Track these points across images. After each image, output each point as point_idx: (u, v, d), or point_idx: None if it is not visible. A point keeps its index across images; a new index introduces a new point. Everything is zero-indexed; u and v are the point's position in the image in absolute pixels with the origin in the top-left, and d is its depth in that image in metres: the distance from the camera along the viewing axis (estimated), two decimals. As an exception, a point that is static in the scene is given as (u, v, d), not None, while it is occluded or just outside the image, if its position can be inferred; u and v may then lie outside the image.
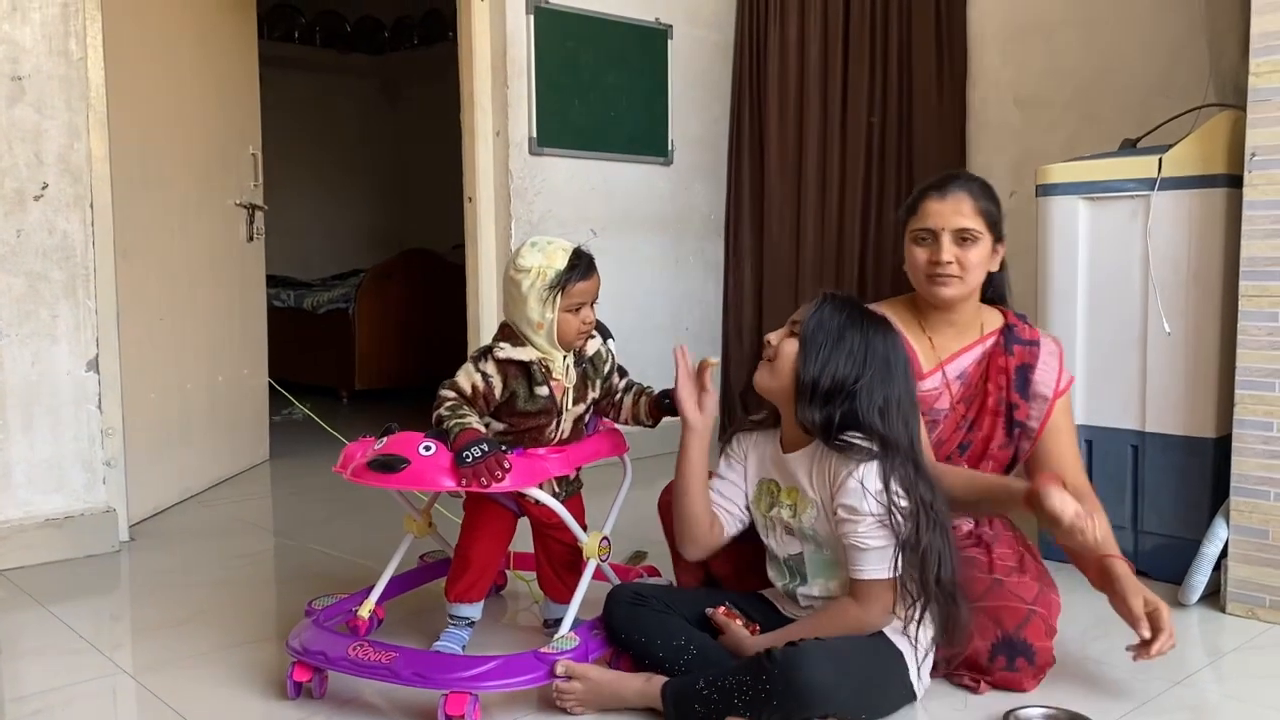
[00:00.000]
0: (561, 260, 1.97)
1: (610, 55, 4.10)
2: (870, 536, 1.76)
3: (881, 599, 1.78)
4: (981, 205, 2.01)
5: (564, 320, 1.99)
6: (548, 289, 1.96)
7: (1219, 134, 2.52)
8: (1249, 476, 2.32)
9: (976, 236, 2.00)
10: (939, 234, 2.00)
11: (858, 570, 1.78)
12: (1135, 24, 3.46)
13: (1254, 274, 2.30)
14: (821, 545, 1.86)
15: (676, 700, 1.77)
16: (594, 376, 2.11)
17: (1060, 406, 2.06)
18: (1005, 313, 2.13)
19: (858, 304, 1.87)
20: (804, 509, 1.86)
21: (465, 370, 1.99)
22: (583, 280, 1.99)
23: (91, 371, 2.90)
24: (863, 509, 1.75)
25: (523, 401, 2.00)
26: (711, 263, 4.56)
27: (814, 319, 1.82)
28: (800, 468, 1.87)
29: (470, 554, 2.11)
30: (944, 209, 2.00)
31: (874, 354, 1.80)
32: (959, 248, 1.99)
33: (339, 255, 7.49)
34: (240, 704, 1.95)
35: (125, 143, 3.07)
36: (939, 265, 2.00)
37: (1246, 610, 2.33)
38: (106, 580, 2.75)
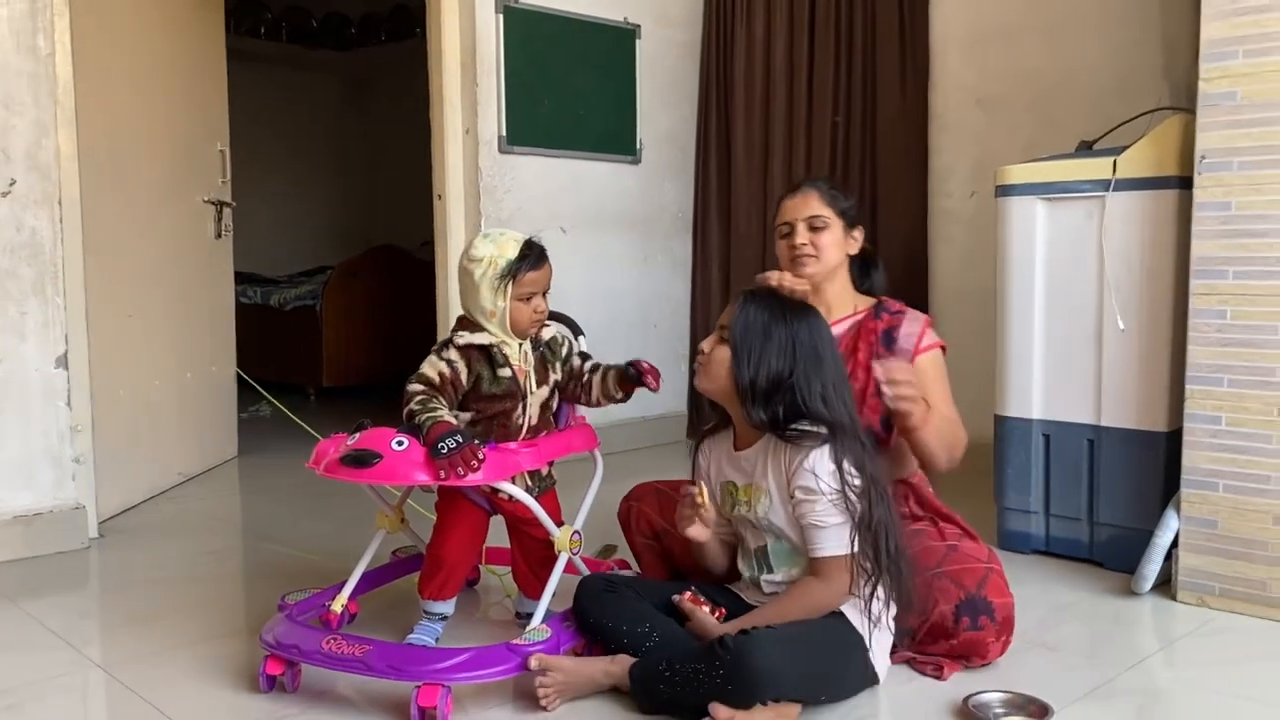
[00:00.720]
0: (513, 250, 2.03)
1: (579, 54, 4.13)
2: (827, 515, 1.83)
3: (841, 576, 1.84)
4: (827, 196, 2.27)
5: (516, 309, 2.04)
6: (499, 278, 2.01)
7: (1171, 137, 2.60)
8: (1199, 469, 2.40)
9: (826, 223, 2.24)
10: (794, 224, 2.26)
11: (817, 548, 1.84)
12: (1093, 30, 3.54)
13: (1204, 273, 2.38)
14: (780, 536, 1.92)
15: (642, 680, 1.83)
16: (553, 359, 2.16)
17: (926, 361, 2.18)
18: (881, 299, 2.31)
19: (778, 297, 1.96)
20: (758, 500, 1.92)
21: (429, 362, 2.03)
22: (533, 270, 2.05)
23: (60, 368, 2.89)
24: (819, 489, 1.82)
25: (488, 384, 2.04)
26: (679, 261, 4.61)
27: (739, 322, 1.90)
28: (756, 462, 1.93)
29: (442, 553, 2.13)
30: (796, 203, 2.29)
31: (801, 345, 1.88)
32: (812, 233, 2.24)
33: (305, 252, 7.46)
34: (214, 698, 1.96)
35: (93, 139, 3.07)
36: (796, 249, 2.24)
37: (1196, 598, 2.41)
38: (76, 577, 2.75)
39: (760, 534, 1.95)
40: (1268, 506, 2.31)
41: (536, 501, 2.05)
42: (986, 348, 2.90)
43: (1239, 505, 2.35)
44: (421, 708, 1.78)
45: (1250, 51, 2.29)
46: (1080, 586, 2.56)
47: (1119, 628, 2.32)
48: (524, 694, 1.92)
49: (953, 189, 3.93)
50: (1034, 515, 2.80)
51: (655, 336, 4.47)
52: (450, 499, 2.15)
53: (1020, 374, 2.80)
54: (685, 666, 1.77)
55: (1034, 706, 1.82)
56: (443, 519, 2.15)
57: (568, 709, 1.87)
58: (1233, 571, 2.36)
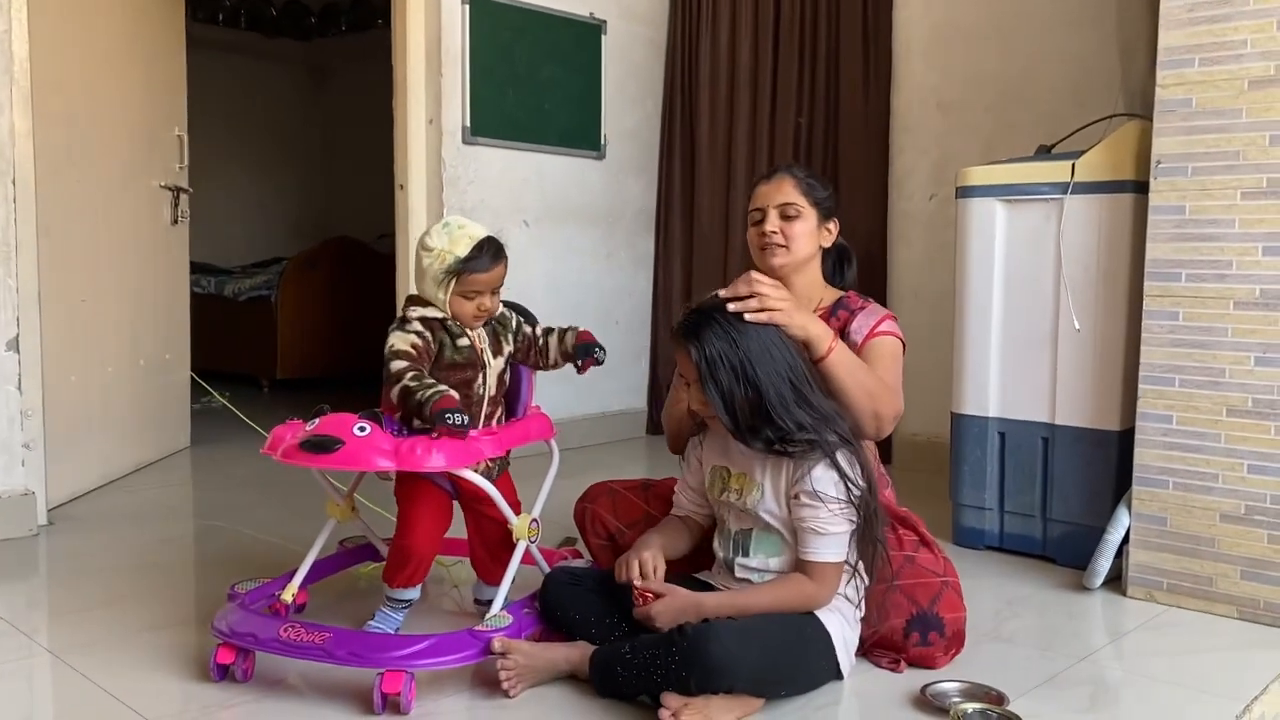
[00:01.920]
0: (464, 248, 2.00)
1: (545, 48, 4.13)
2: (829, 523, 1.83)
3: (833, 580, 1.86)
4: (803, 185, 2.20)
5: (457, 303, 2.03)
6: (444, 273, 2.00)
7: (1127, 142, 2.65)
8: (1150, 467, 2.46)
9: (799, 211, 2.18)
10: (766, 210, 2.20)
11: (813, 553, 1.84)
12: (1051, 36, 3.61)
13: (1157, 275, 2.43)
14: (768, 527, 1.92)
15: (602, 665, 1.84)
16: (504, 332, 2.17)
17: (874, 344, 2.12)
18: (848, 293, 2.26)
19: (706, 314, 1.89)
20: (750, 491, 1.92)
21: (399, 336, 1.99)
22: (481, 273, 2.01)
23: (11, 351, 2.84)
24: (825, 498, 1.82)
25: (450, 353, 2.04)
26: (642, 256, 4.62)
27: (697, 368, 1.84)
28: (753, 456, 1.92)
29: (411, 543, 2.07)
30: (769, 189, 2.22)
31: (753, 358, 1.83)
32: (784, 221, 2.18)
33: (260, 242, 7.37)
34: (166, 686, 1.93)
35: (49, 119, 3.01)
36: (765, 236, 2.19)
37: (1145, 593, 2.47)
38: (25, 564, 2.69)
39: (745, 519, 1.95)
40: (1215, 504, 2.37)
41: (493, 484, 2.03)
42: (943, 348, 2.95)
43: (1188, 503, 2.40)
44: (385, 694, 1.77)
45: (1205, 60, 2.34)
46: (1033, 582, 2.61)
47: (1071, 621, 2.37)
48: (485, 681, 1.92)
49: (913, 191, 3.98)
50: (989, 512, 2.85)
51: (617, 332, 4.47)
52: (412, 485, 2.09)
53: (977, 373, 2.84)
54: (644, 653, 1.78)
55: (990, 695, 1.85)
56: (407, 508, 2.10)
57: (529, 694, 1.87)
58: (1180, 567, 2.42)
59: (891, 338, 2.15)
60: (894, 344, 2.16)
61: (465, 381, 2.05)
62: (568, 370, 2.21)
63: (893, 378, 2.12)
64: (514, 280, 4.07)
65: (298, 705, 1.86)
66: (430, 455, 1.84)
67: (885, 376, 2.09)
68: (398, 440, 1.86)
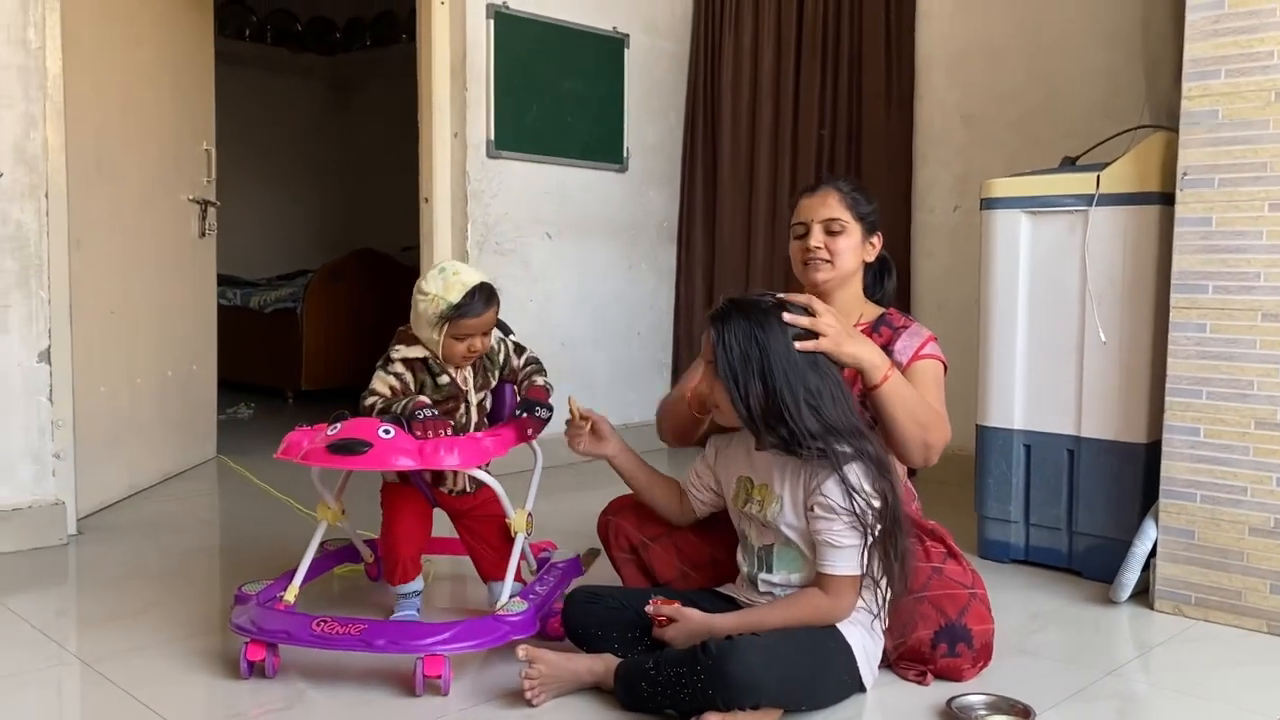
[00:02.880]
0: (457, 295, 2.09)
1: (568, 62, 4.15)
2: (844, 535, 1.82)
3: (849, 594, 1.85)
4: (848, 199, 2.18)
5: (449, 345, 2.13)
6: (438, 318, 2.09)
7: (1153, 154, 2.65)
8: (1177, 480, 2.44)
9: (844, 226, 2.17)
10: (810, 225, 2.18)
11: (829, 565, 1.84)
12: (1076, 50, 3.61)
13: (1184, 287, 2.42)
14: (789, 540, 1.92)
15: (626, 678, 1.84)
16: (491, 367, 2.27)
17: (918, 367, 2.12)
18: (890, 310, 2.26)
19: (745, 310, 1.89)
20: (770, 503, 1.92)
21: (379, 377, 2.14)
22: (472, 318, 2.11)
23: (43, 363, 2.88)
24: (837, 509, 1.82)
25: (430, 390, 2.15)
26: (664, 269, 4.63)
27: (720, 357, 1.86)
28: (774, 464, 1.93)
29: (392, 545, 2.22)
30: (813, 203, 2.20)
31: (776, 356, 1.83)
32: (828, 236, 2.17)
33: (285, 255, 7.43)
34: (194, 693, 1.96)
35: (81, 134, 3.06)
36: (809, 252, 2.18)
37: (1173, 607, 2.45)
38: (55, 573, 2.73)
39: (766, 533, 1.95)
40: (1243, 517, 2.35)
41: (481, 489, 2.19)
42: (968, 360, 2.93)
43: (1216, 516, 2.39)
44: (428, 676, 1.89)
45: (1232, 71, 2.34)
46: (1059, 595, 2.59)
47: (1098, 635, 2.35)
48: (508, 691, 1.93)
49: (935, 203, 3.98)
50: (1014, 525, 2.83)
51: (639, 344, 4.48)
52: (393, 492, 2.24)
53: (1002, 385, 2.83)
54: (668, 669, 1.78)
55: (1016, 708, 1.85)
56: (388, 514, 2.24)
57: (553, 704, 1.88)
58: (1209, 581, 2.40)
59: (935, 361, 2.15)
60: (937, 368, 2.15)
61: (446, 413, 2.15)
62: (588, 381, 2.25)
63: (936, 402, 2.11)
64: (537, 292, 4.14)
65: (336, 692, 1.92)
66: (451, 455, 1.96)
67: (932, 400, 2.09)
68: (420, 442, 1.97)
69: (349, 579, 2.59)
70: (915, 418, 2.01)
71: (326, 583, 2.50)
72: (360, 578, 2.58)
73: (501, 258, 3.94)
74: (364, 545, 2.49)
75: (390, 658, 2.00)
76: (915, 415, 2.01)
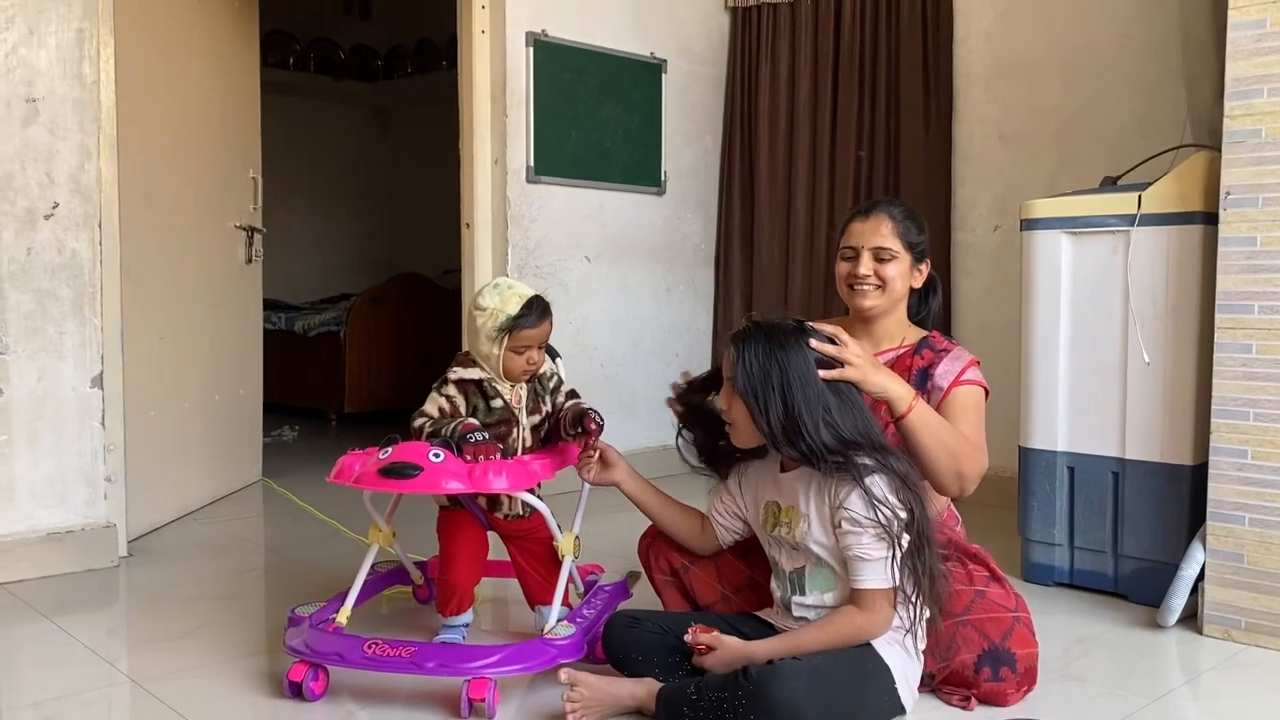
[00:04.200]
0: (514, 306, 2.14)
1: (606, 87, 4.20)
2: (872, 548, 1.83)
3: (884, 608, 1.84)
4: (900, 227, 2.19)
5: (509, 358, 2.16)
6: (497, 330, 2.13)
7: (1196, 173, 2.63)
8: (1225, 502, 2.41)
9: (894, 255, 2.18)
10: (860, 251, 2.19)
11: (860, 580, 1.85)
12: (1115, 67, 3.59)
13: (1229, 307, 2.40)
14: (821, 560, 1.92)
15: (668, 703, 1.85)
16: (543, 393, 2.29)
17: (958, 394, 2.12)
18: (932, 333, 2.26)
19: (764, 329, 1.92)
20: (798, 524, 1.93)
21: (431, 399, 2.17)
22: (530, 329, 2.15)
23: (96, 388, 2.94)
24: (863, 522, 1.82)
25: (483, 414, 2.18)
26: (702, 292, 4.65)
27: (740, 375, 1.88)
28: (799, 484, 1.94)
29: (453, 578, 2.23)
30: (865, 229, 2.20)
31: (795, 374, 1.85)
32: (877, 263, 2.18)
33: (328, 279, 7.53)
34: (244, 713, 2.00)
35: (132, 164, 3.13)
36: (858, 279, 2.19)
37: (1223, 632, 2.41)
38: (107, 594, 2.78)
39: (797, 556, 1.96)
40: (1294, 540, 2.31)
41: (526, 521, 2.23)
42: (1009, 381, 2.92)
43: (1265, 539, 2.35)
44: (472, 700, 1.92)
45: (1275, 90, 2.32)
46: (1105, 619, 2.56)
47: (1145, 659, 2.32)
48: (549, 715, 1.95)
49: (975, 223, 3.97)
50: (1058, 548, 2.81)
51: (676, 366, 4.48)
52: (451, 521, 2.25)
53: (1045, 406, 2.82)
54: (710, 694, 1.78)
55: (1062, 735, 1.83)
56: (446, 543, 2.26)
57: (595, 729, 1.89)
58: (1259, 605, 2.36)
59: (976, 387, 2.14)
60: (978, 395, 2.15)
61: (500, 437, 2.16)
62: (626, 402, 2.27)
63: (976, 432, 2.10)
64: (575, 314, 4.17)
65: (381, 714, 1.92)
66: (500, 478, 1.99)
67: (968, 431, 2.08)
68: (469, 465, 1.99)
69: (397, 601, 2.62)
70: (946, 447, 2.01)
71: (375, 604, 2.53)
72: (408, 600, 2.61)
73: (541, 281, 3.98)
74: (414, 568, 2.51)
75: (438, 680, 2.02)
76: (946, 444, 2.01)
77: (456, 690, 1.97)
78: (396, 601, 2.62)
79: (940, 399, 2.13)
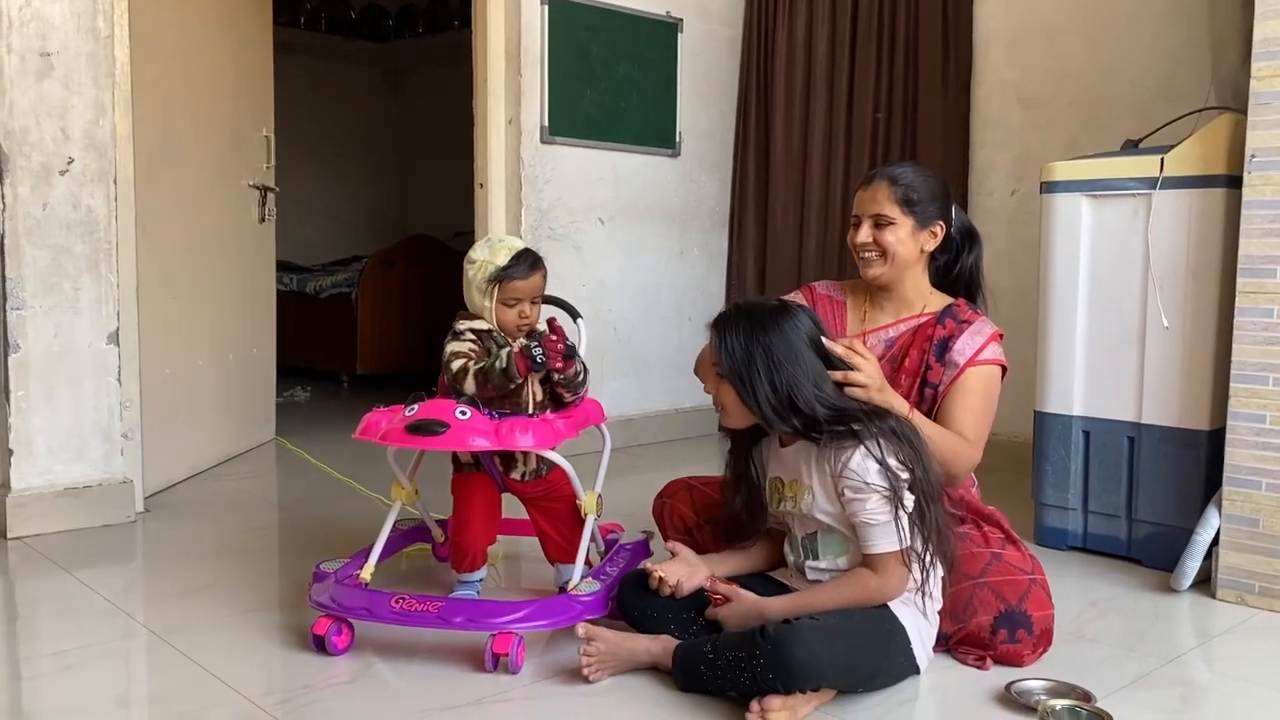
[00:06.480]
0: (503, 258, 2.15)
1: (621, 47, 4.16)
2: (878, 512, 1.82)
3: (898, 570, 1.84)
4: (898, 192, 2.15)
5: (501, 311, 2.17)
6: (486, 282, 2.14)
7: (1220, 136, 2.60)
8: (1241, 467, 2.40)
9: (890, 220, 2.15)
10: (861, 219, 2.19)
11: (871, 545, 1.84)
12: (1138, 29, 3.54)
13: (1251, 271, 2.38)
14: (831, 526, 1.92)
15: (685, 660, 1.86)
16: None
17: (973, 374, 2.11)
18: (958, 301, 2.23)
19: (744, 310, 1.93)
20: (802, 497, 1.93)
21: (454, 345, 2.15)
22: (519, 280, 2.15)
23: (112, 344, 2.95)
24: (865, 487, 1.82)
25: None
26: (715, 254, 4.63)
27: (723, 358, 1.89)
28: (800, 458, 1.94)
29: (464, 539, 2.25)
30: (865, 196, 2.19)
31: (778, 353, 1.86)
32: (876, 230, 2.16)
33: (339, 241, 7.52)
34: (261, 664, 2.02)
35: (146, 120, 3.12)
36: (857, 246, 2.19)
37: (1236, 596, 2.41)
38: (124, 549, 2.80)
39: (808, 523, 1.96)
40: (1311, 506, 2.31)
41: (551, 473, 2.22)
42: (1025, 346, 2.89)
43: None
44: (497, 654, 1.93)
45: (1303, 50, 2.29)
46: (1118, 583, 2.57)
47: (1158, 622, 2.33)
48: (565, 668, 1.96)
49: (993, 187, 3.94)
50: (1072, 512, 2.81)
51: (690, 329, 4.48)
52: (464, 481, 2.26)
53: (1061, 371, 2.80)
54: (727, 653, 1.79)
55: (1077, 693, 1.84)
56: (460, 504, 2.26)
57: (612, 683, 1.91)
58: (1274, 570, 2.36)
59: (990, 368, 2.13)
60: (991, 377, 2.13)
61: (513, 391, 2.14)
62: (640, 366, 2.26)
63: (976, 420, 2.10)
64: (590, 277, 4.16)
65: (397, 679, 1.94)
66: (526, 435, 1.99)
67: (969, 420, 2.08)
68: (496, 423, 2.00)
69: (415, 558, 2.63)
70: (939, 454, 1.97)
71: (395, 561, 2.53)
72: (426, 557, 2.62)
73: (555, 243, 3.96)
74: (436, 525, 2.52)
75: (457, 635, 2.04)
76: (939, 451, 1.97)
77: (475, 645, 1.99)
78: (415, 559, 2.63)
79: (954, 376, 2.12)
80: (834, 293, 2.35)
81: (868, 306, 2.28)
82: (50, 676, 1.96)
